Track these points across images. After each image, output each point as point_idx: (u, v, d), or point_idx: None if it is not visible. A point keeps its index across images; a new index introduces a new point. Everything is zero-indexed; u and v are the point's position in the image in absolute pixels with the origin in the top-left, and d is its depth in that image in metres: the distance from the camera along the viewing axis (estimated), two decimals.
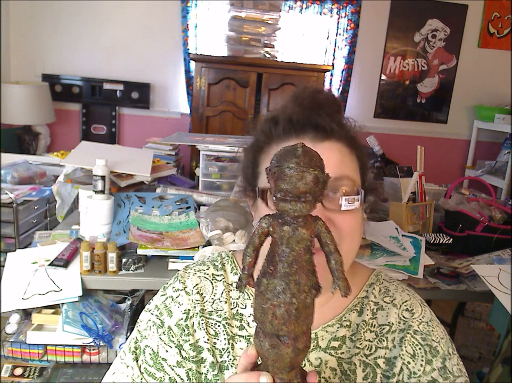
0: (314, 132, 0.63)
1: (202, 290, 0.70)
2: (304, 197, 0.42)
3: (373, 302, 0.70)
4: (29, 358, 1.27)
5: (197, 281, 0.71)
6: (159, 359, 0.67)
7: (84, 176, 1.65)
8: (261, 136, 0.68)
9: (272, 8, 3.07)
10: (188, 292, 0.70)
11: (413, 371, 0.65)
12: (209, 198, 1.71)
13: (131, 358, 0.68)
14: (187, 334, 0.68)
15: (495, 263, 1.43)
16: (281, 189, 0.42)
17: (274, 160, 0.44)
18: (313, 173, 0.42)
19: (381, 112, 3.87)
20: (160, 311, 0.70)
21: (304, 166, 0.41)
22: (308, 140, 0.63)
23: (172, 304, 0.70)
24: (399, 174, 1.71)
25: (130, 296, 1.49)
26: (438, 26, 3.76)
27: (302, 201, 0.42)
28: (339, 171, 0.62)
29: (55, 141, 3.48)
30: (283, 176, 0.42)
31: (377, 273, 0.74)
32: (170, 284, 0.73)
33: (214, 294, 0.70)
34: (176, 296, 0.70)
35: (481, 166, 3.71)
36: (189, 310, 0.69)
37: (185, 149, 2.79)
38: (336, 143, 0.64)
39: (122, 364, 0.69)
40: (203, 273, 0.72)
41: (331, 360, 0.67)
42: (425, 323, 0.68)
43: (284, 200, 0.42)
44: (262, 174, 0.66)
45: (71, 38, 3.41)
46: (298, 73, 3.06)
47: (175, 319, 0.69)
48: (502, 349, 1.28)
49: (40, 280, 1.23)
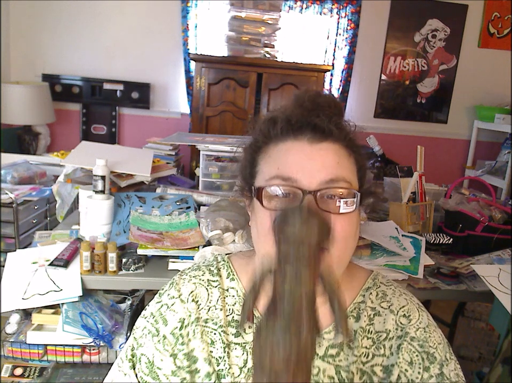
0: (311, 132, 0.63)
1: (197, 297, 0.70)
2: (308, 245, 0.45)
3: (370, 308, 0.69)
4: (29, 358, 1.27)
5: (192, 288, 0.71)
6: (155, 368, 0.67)
7: (84, 176, 1.65)
8: (259, 136, 0.68)
9: (272, 8, 3.07)
10: (183, 300, 0.70)
11: (411, 379, 0.65)
12: (209, 198, 1.70)
13: (128, 366, 0.68)
14: (182, 343, 0.68)
15: (495, 263, 1.42)
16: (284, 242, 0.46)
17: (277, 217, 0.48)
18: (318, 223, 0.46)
19: (381, 112, 3.87)
20: (155, 319, 0.70)
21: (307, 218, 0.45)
22: (305, 141, 0.62)
23: (167, 311, 0.69)
24: (399, 174, 1.71)
25: (130, 296, 1.49)
26: (438, 26, 3.75)
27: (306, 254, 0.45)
28: (335, 172, 0.61)
29: (55, 141, 3.48)
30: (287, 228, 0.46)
31: (374, 276, 0.73)
32: (165, 291, 0.72)
33: (209, 301, 0.70)
34: (171, 303, 0.70)
35: (481, 166, 3.71)
36: (184, 319, 0.69)
37: (185, 149, 2.79)
38: (334, 144, 0.63)
39: (119, 372, 0.69)
40: (198, 279, 0.72)
41: (329, 368, 0.66)
42: (422, 329, 0.67)
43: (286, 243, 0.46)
44: (258, 174, 0.66)
45: (71, 38, 3.41)
46: (298, 73, 3.06)
47: (170, 328, 0.68)
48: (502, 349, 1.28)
49: (40, 280, 1.23)
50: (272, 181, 0.62)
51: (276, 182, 0.61)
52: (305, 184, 0.60)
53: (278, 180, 0.61)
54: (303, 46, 3.60)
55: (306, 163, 0.61)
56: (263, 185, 0.62)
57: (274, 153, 0.64)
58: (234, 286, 0.71)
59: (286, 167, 0.61)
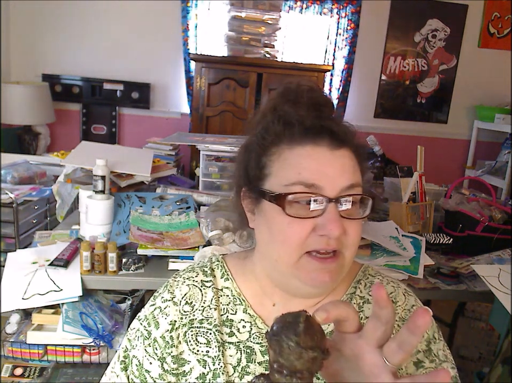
0: (330, 138, 0.62)
1: (191, 298, 0.71)
2: (300, 373, 0.41)
3: (360, 297, 0.71)
4: (29, 358, 1.27)
5: (186, 290, 0.71)
6: (143, 371, 0.69)
7: (84, 176, 1.65)
8: (267, 136, 0.65)
9: (272, 8, 3.07)
10: (176, 303, 0.70)
11: None
12: (209, 198, 1.71)
13: (119, 368, 0.70)
14: (171, 346, 0.68)
15: (495, 263, 1.42)
16: (277, 361, 0.42)
17: (274, 327, 0.43)
18: (312, 354, 0.41)
19: (381, 112, 3.87)
20: (148, 322, 0.70)
21: (303, 347, 0.41)
22: (325, 147, 0.62)
23: (160, 315, 0.70)
24: (399, 174, 1.71)
25: (130, 296, 1.49)
26: (438, 26, 3.75)
27: (298, 378, 0.41)
28: (353, 177, 0.63)
29: (55, 141, 3.48)
30: (281, 350, 0.41)
31: (364, 269, 0.75)
32: (159, 294, 0.73)
33: (203, 301, 0.70)
34: (164, 307, 0.71)
35: (481, 166, 3.70)
36: (175, 321, 0.69)
37: (185, 149, 2.78)
38: (348, 150, 0.64)
39: (112, 372, 0.71)
40: (192, 280, 0.72)
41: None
42: (407, 310, 0.69)
43: (279, 372, 0.42)
44: (271, 177, 0.64)
45: (71, 38, 3.41)
46: (298, 73, 3.06)
47: (161, 331, 0.69)
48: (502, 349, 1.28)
49: (40, 280, 1.23)
50: (294, 187, 0.61)
51: (298, 188, 0.61)
52: (327, 191, 0.60)
53: (300, 186, 0.60)
54: (303, 45, 3.60)
55: (328, 170, 0.61)
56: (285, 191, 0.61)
57: (292, 157, 0.62)
58: (228, 286, 0.72)
59: (308, 173, 0.61)
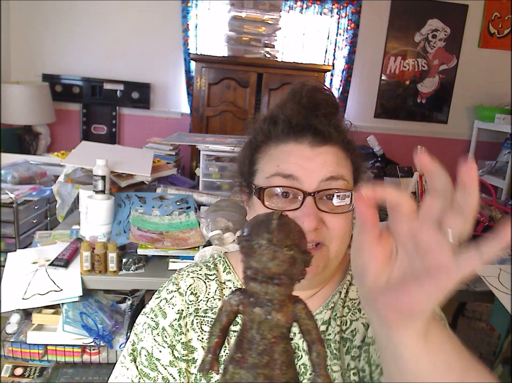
0: (312, 136, 0.65)
1: (196, 289, 0.72)
2: (277, 278, 0.35)
3: (349, 281, 0.74)
4: (29, 358, 1.27)
5: (190, 282, 0.73)
6: (154, 359, 0.69)
7: (85, 176, 1.65)
8: (259, 135, 0.69)
9: (272, 8, 3.07)
10: (182, 293, 0.72)
11: None
12: (209, 198, 1.71)
13: (129, 360, 0.70)
14: (180, 333, 0.69)
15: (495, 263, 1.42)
16: (250, 267, 0.36)
17: (245, 229, 0.37)
18: (288, 253, 0.35)
19: (381, 112, 3.87)
20: (155, 313, 0.72)
21: (277, 245, 0.35)
22: (307, 144, 0.65)
23: (166, 305, 0.71)
24: (399, 174, 1.71)
25: (130, 296, 1.49)
26: (439, 26, 3.75)
27: (275, 284, 0.35)
28: (335, 170, 0.64)
29: (55, 141, 3.48)
30: (252, 252, 0.35)
31: None
32: (164, 287, 0.74)
33: (208, 293, 0.72)
34: (170, 297, 0.72)
35: (482, 166, 3.70)
36: (182, 310, 0.71)
37: (185, 149, 2.79)
38: (333, 147, 0.66)
39: (122, 367, 0.71)
40: (196, 273, 0.74)
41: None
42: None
43: (254, 280, 0.35)
44: (258, 172, 0.68)
45: (71, 38, 3.41)
46: (299, 73, 3.05)
47: (169, 320, 0.70)
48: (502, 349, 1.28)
49: (40, 280, 1.23)
50: (273, 178, 0.64)
51: (276, 179, 0.64)
52: (305, 183, 0.63)
53: (278, 177, 0.64)
54: (303, 45, 3.60)
55: (307, 164, 0.64)
56: (264, 185, 0.65)
57: (275, 153, 0.66)
58: (231, 278, 0.74)
59: (287, 165, 0.64)
